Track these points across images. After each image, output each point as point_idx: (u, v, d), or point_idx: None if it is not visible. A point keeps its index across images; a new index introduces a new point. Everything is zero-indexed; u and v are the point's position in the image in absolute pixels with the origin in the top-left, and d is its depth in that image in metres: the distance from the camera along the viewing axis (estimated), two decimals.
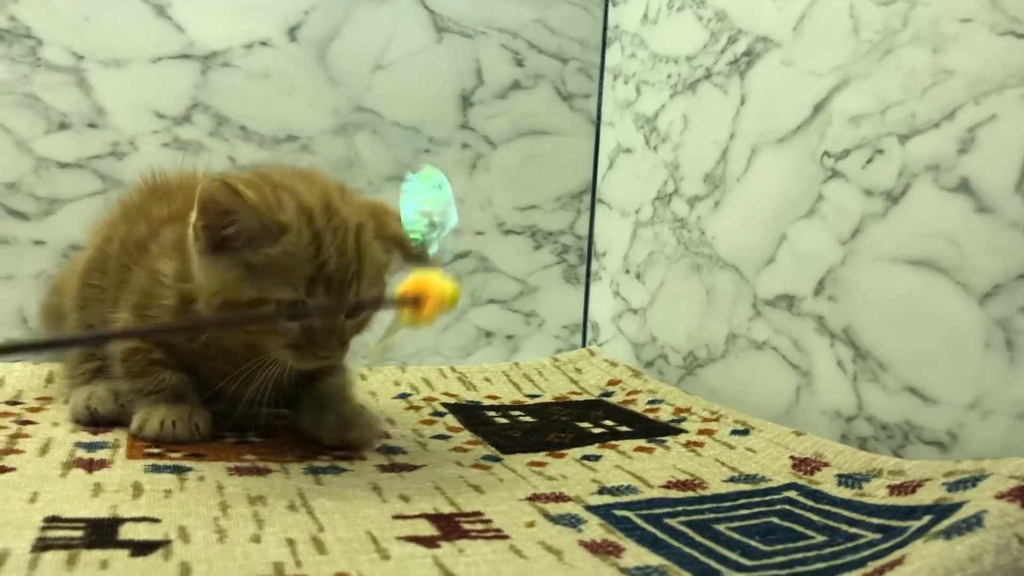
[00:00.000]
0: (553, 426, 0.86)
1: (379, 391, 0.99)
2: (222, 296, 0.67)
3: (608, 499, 0.64)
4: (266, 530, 0.55)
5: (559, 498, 0.65)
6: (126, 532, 0.53)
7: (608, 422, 0.88)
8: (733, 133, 0.95)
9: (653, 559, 0.53)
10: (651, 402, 0.94)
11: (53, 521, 0.53)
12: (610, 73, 1.21)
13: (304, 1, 1.09)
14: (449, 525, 0.58)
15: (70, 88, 1.03)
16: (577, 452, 0.77)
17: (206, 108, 1.07)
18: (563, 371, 1.11)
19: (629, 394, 0.99)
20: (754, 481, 0.69)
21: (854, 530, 0.58)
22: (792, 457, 0.73)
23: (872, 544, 0.54)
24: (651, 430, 0.84)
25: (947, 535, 0.48)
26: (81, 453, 0.69)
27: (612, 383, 1.04)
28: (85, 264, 0.82)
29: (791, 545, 0.56)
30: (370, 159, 1.13)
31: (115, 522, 0.54)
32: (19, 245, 1.03)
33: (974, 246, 0.69)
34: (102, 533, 0.52)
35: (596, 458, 0.76)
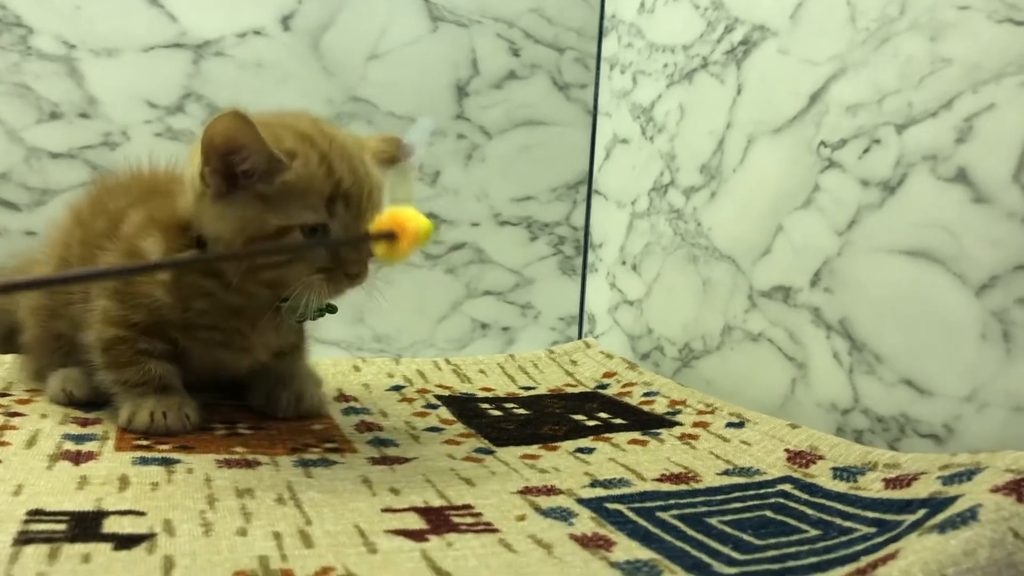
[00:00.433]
0: (547, 418, 0.85)
1: (372, 383, 0.98)
2: (246, 233, 0.68)
3: (600, 492, 0.64)
4: (253, 523, 0.54)
5: (551, 491, 0.64)
6: (110, 525, 0.52)
7: (603, 414, 0.87)
8: (729, 123, 0.95)
9: (644, 553, 0.53)
10: (646, 394, 0.94)
11: (36, 514, 0.53)
12: (607, 63, 1.20)
13: None
14: (439, 518, 0.57)
15: (61, 78, 1.02)
16: (571, 445, 0.77)
17: (199, 98, 1.07)
18: (559, 363, 1.10)
19: (624, 386, 0.98)
20: (748, 474, 0.68)
21: (848, 524, 0.57)
22: (787, 450, 0.72)
23: (866, 538, 0.54)
24: (645, 423, 0.83)
25: (941, 529, 0.48)
26: (68, 445, 0.68)
27: (607, 375, 1.03)
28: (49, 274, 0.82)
29: (784, 539, 0.55)
30: None
31: (99, 515, 0.53)
32: (10, 236, 1.02)
33: (971, 237, 0.68)
34: (86, 526, 0.51)
35: (590, 451, 0.75)
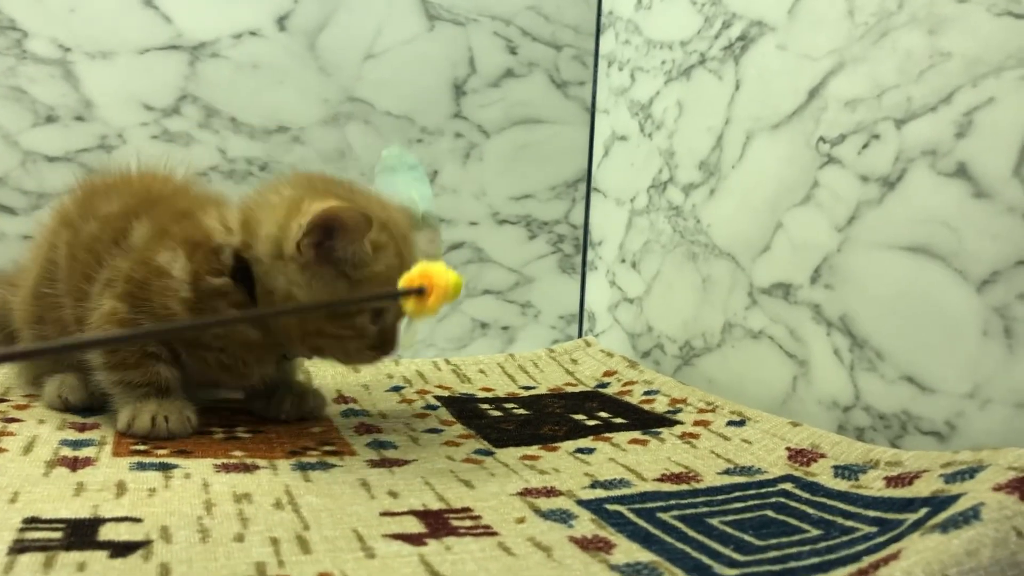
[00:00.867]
0: (547, 419, 0.85)
1: (372, 384, 0.98)
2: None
3: (600, 493, 0.63)
4: (250, 529, 0.54)
5: (550, 492, 0.64)
6: (106, 533, 0.52)
7: (603, 414, 0.87)
8: (728, 119, 0.94)
9: (644, 555, 0.52)
10: (647, 393, 0.93)
11: (32, 522, 0.52)
12: (604, 60, 1.19)
13: None
14: (437, 522, 0.57)
15: (57, 81, 1.02)
16: (571, 445, 0.76)
17: (195, 99, 1.06)
18: (559, 362, 1.10)
19: (625, 385, 0.98)
20: (749, 473, 0.68)
21: (850, 523, 0.56)
22: (788, 448, 0.71)
23: (868, 538, 0.53)
24: (646, 422, 0.83)
25: (943, 529, 0.47)
26: (66, 451, 0.68)
27: (608, 374, 1.03)
28: (34, 280, 0.82)
29: (785, 539, 0.55)
30: (362, 150, 1.12)
31: (96, 522, 0.53)
32: (7, 240, 1.01)
33: (972, 232, 0.67)
34: (82, 534, 0.51)
35: (590, 451, 0.74)
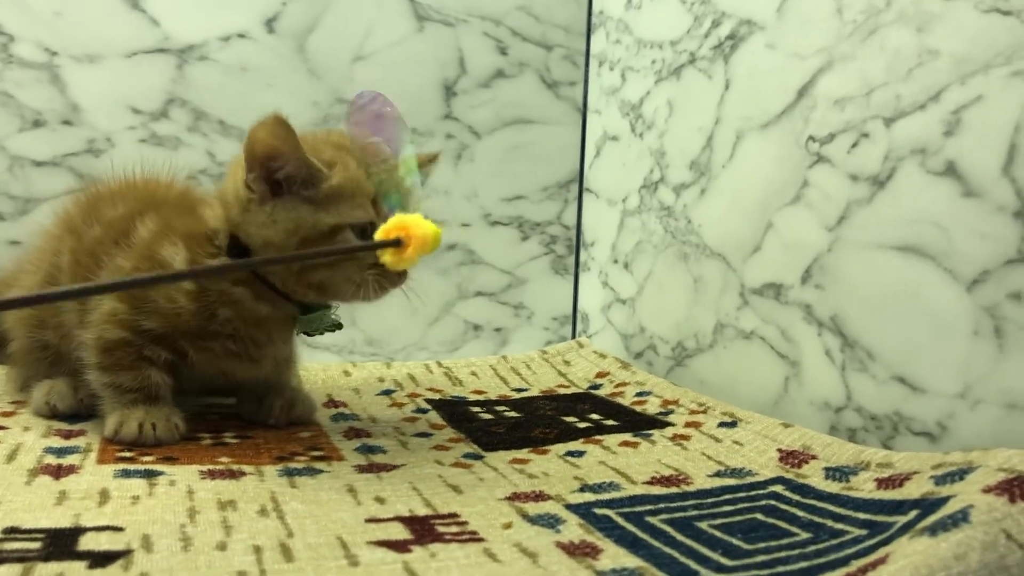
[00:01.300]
0: (538, 421, 0.84)
1: (362, 387, 0.97)
2: (300, 234, 0.70)
3: (589, 497, 0.63)
4: (233, 537, 0.53)
5: (539, 497, 0.63)
6: (86, 542, 0.51)
7: (594, 416, 0.86)
8: (718, 119, 0.94)
9: (631, 560, 0.52)
10: (639, 394, 0.93)
11: (11, 532, 0.52)
12: (595, 60, 1.19)
13: None
14: (423, 528, 0.56)
15: (43, 85, 1.01)
16: (561, 448, 0.76)
17: (183, 103, 1.06)
18: (551, 364, 1.09)
19: (617, 386, 0.97)
20: (740, 475, 0.67)
21: (840, 526, 0.56)
22: (779, 450, 0.71)
23: (857, 541, 0.53)
24: (637, 423, 0.82)
25: (932, 532, 0.47)
26: (50, 459, 0.67)
27: (600, 375, 1.02)
28: (38, 284, 0.82)
29: (774, 543, 0.54)
30: None
31: (76, 532, 0.52)
32: None
33: (961, 231, 0.67)
34: (61, 544, 0.50)
35: (580, 454, 0.74)
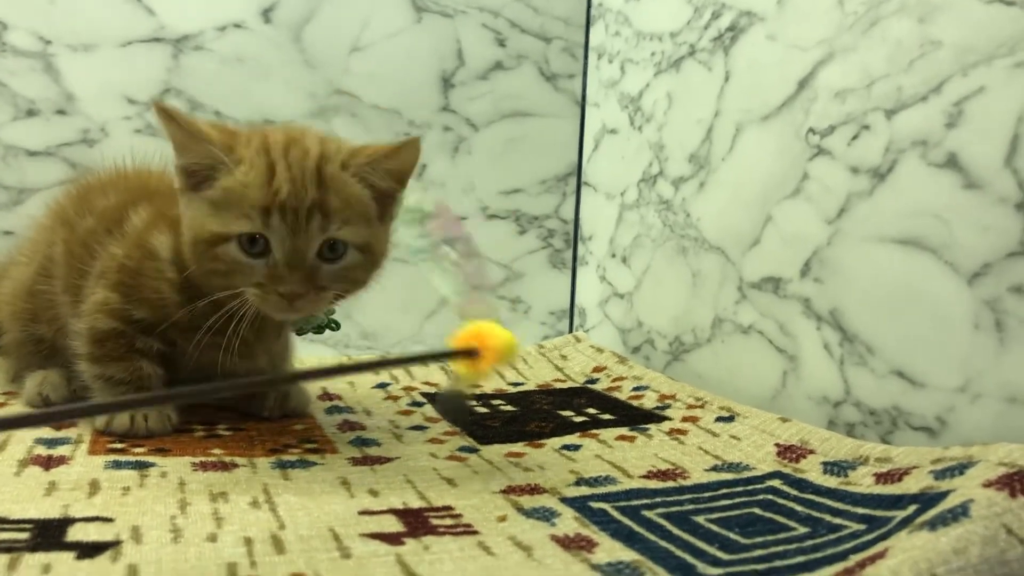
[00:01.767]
0: (534, 415, 0.84)
1: (357, 381, 0.97)
2: (192, 233, 0.67)
3: (585, 490, 0.62)
4: (224, 528, 0.53)
5: (534, 490, 0.62)
6: (75, 533, 0.50)
7: (591, 410, 0.85)
8: (718, 111, 0.93)
9: (626, 554, 0.51)
10: (636, 389, 0.92)
11: None
12: (594, 52, 1.18)
13: None
14: (417, 520, 0.56)
15: (37, 74, 1.00)
16: (557, 442, 0.75)
17: (179, 93, 1.05)
18: (548, 358, 1.08)
19: (614, 381, 0.97)
20: (737, 470, 0.67)
21: (838, 521, 0.55)
22: (777, 444, 0.70)
23: (855, 535, 0.52)
24: (634, 418, 0.82)
25: (932, 526, 0.46)
26: (40, 450, 0.66)
27: (597, 370, 1.01)
28: (30, 276, 0.82)
29: (771, 537, 0.53)
30: None
31: (65, 522, 0.52)
32: None
33: (962, 224, 0.66)
34: (49, 535, 0.50)
35: (576, 448, 0.73)
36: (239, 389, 0.78)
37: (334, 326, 0.85)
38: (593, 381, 0.99)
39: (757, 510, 0.58)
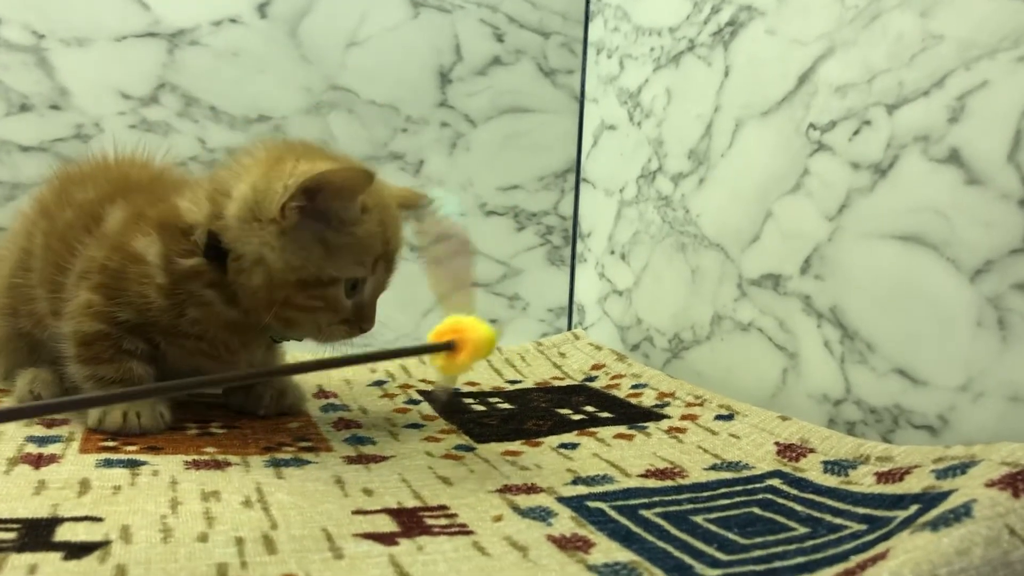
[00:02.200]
0: (532, 413, 0.83)
1: (354, 378, 0.96)
2: (300, 274, 0.67)
3: (582, 490, 0.61)
4: (215, 528, 0.52)
5: (531, 489, 0.62)
6: (63, 533, 0.49)
7: (589, 408, 0.85)
8: (717, 106, 0.92)
9: (623, 555, 0.50)
10: (635, 387, 0.91)
11: None
12: (593, 47, 1.17)
13: None
14: (411, 520, 0.55)
15: (30, 68, 0.99)
16: (554, 440, 0.74)
17: (174, 88, 1.04)
18: (547, 356, 1.08)
19: (613, 378, 0.96)
20: (736, 469, 0.66)
21: (838, 521, 0.55)
22: (777, 443, 0.69)
23: (856, 536, 0.51)
24: (632, 416, 0.81)
25: (934, 526, 0.45)
26: (31, 448, 0.65)
27: (596, 367, 1.01)
28: (9, 269, 0.81)
29: (771, 538, 0.53)
30: (345, 139, 1.10)
31: (53, 522, 0.51)
32: None
33: (965, 220, 0.65)
34: (37, 535, 0.49)
35: (573, 446, 0.72)
36: (226, 382, 0.79)
37: None
38: (591, 379, 0.98)
39: (756, 510, 0.58)
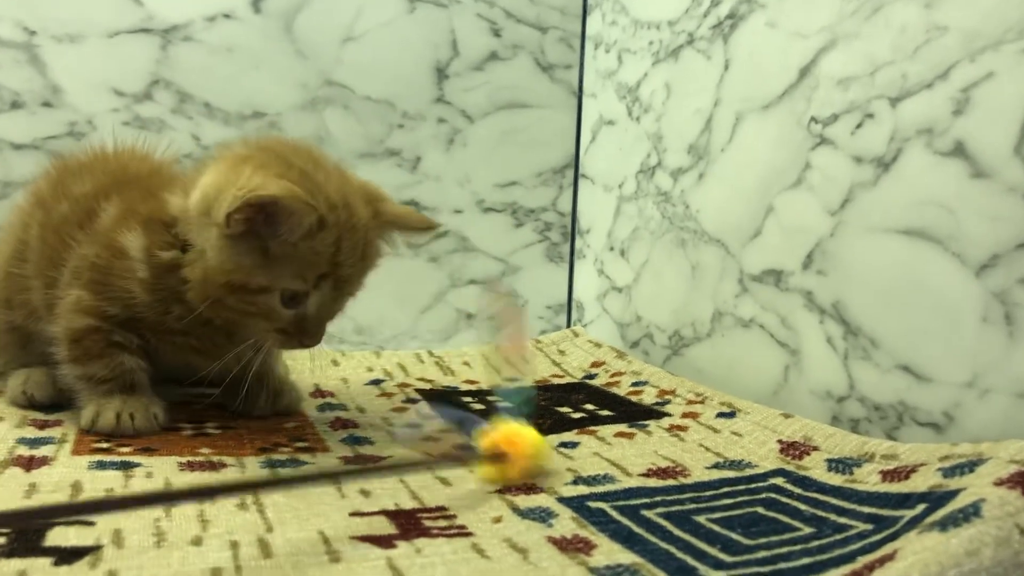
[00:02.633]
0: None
1: (351, 377, 0.95)
2: (230, 277, 0.66)
3: (583, 490, 0.61)
4: (209, 532, 0.51)
5: (530, 489, 0.61)
6: (54, 538, 0.48)
7: (589, 406, 0.84)
8: (717, 100, 0.91)
9: (625, 556, 0.49)
10: (635, 384, 0.90)
11: None
12: (591, 42, 1.16)
13: None
14: (409, 522, 0.54)
15: (22, 66, 0.98)
16: (554, 439, 0.73)
17: (168, 84, 1.03)
18: (546, 353, 1.07)
19: (612, 376, 0.95)
20: (739, 467, 0.65)
21: (843, 520, 0.54)
22: (780, 441, 0.69)
23: (862, 536, 0.50)
24: (633, 414, 0.80)
25: (942, 526, 0.44)
26: (22, 450, 0.64)
27: (596, 365, 1.00)
28: (5, 259, 0.79)
29: (775, 538, 0.52)
30: (341, 135, 1.09)
31: (44, 527, 0.50)
32: None
33: (970, 214, 0.64)
34: (26, 540, 0.48)
35: (573, 445, 0.72)
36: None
37: None
38: (591, 376, 0.97)
39: (760, 509, 0.57)
